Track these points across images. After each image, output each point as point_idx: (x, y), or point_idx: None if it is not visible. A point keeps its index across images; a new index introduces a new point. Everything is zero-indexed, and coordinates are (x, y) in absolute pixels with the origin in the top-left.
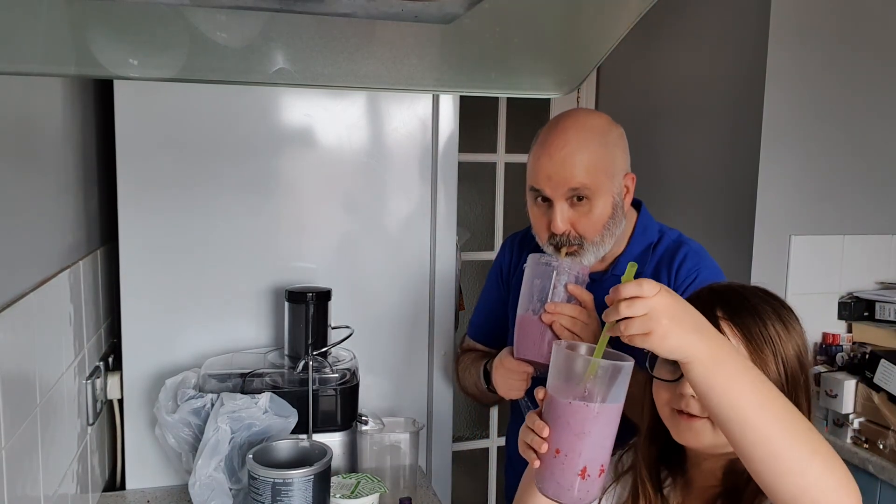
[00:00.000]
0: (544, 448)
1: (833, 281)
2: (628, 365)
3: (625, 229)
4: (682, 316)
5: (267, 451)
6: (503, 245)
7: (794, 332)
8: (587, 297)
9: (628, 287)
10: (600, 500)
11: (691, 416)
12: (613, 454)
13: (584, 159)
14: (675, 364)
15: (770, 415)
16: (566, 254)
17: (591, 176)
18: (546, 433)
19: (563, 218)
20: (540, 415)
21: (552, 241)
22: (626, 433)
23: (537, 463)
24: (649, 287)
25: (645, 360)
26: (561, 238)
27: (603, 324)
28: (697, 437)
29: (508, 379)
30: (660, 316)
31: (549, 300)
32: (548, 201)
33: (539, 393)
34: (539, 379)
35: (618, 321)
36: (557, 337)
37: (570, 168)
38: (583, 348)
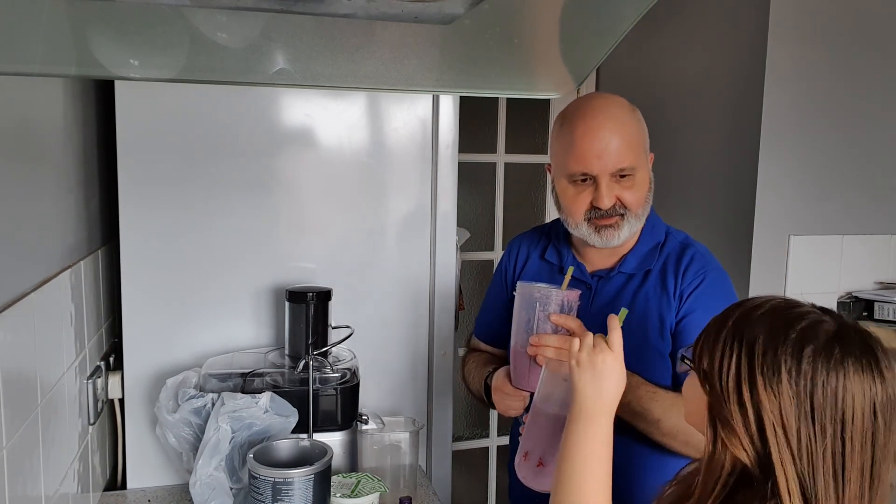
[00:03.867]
0: None
1: (832, 281)
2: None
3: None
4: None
5: (267, 450)
6: (508, 246)
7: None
8: (573, 325)
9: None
10: None
11: None
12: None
13: (627, 137)
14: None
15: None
16: (605, 226)
17: (634, 153)
18: None
19: (609, 194)
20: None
21: (591, 215)
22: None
23: None
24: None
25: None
26: (605, 211)
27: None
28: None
29: (506, 400)
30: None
31: (534, 331)
32: (588, 179)
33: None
34: None
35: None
36: None
37: (619, 147)
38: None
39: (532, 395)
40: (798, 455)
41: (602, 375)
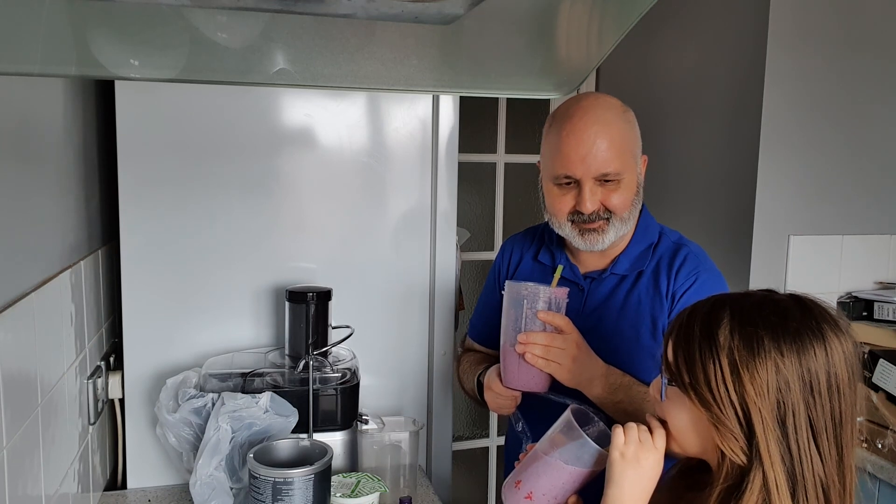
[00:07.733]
0: None
1: (832, 281)
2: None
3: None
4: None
5: (267, 450)
6: (502, 247)
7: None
8: (561, 322)
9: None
10: None
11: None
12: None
13: (615, 141)
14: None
15: None
16: (590, 229)
17: (621, 158)
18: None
19: (593, 198)
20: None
21: (575, 218)
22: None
23: None
24: None
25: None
26: (589, 216)
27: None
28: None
29: (498, 399)
30: None
31: (522, 329)
32: (572, 182)
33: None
34: (529, 396)
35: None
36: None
37: (604, 151)
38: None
39: (524, 393)
40: (783, 435)
41: (645, 475)
